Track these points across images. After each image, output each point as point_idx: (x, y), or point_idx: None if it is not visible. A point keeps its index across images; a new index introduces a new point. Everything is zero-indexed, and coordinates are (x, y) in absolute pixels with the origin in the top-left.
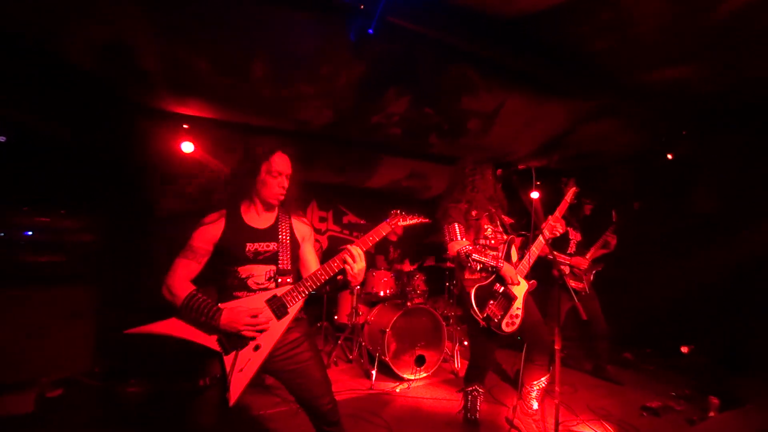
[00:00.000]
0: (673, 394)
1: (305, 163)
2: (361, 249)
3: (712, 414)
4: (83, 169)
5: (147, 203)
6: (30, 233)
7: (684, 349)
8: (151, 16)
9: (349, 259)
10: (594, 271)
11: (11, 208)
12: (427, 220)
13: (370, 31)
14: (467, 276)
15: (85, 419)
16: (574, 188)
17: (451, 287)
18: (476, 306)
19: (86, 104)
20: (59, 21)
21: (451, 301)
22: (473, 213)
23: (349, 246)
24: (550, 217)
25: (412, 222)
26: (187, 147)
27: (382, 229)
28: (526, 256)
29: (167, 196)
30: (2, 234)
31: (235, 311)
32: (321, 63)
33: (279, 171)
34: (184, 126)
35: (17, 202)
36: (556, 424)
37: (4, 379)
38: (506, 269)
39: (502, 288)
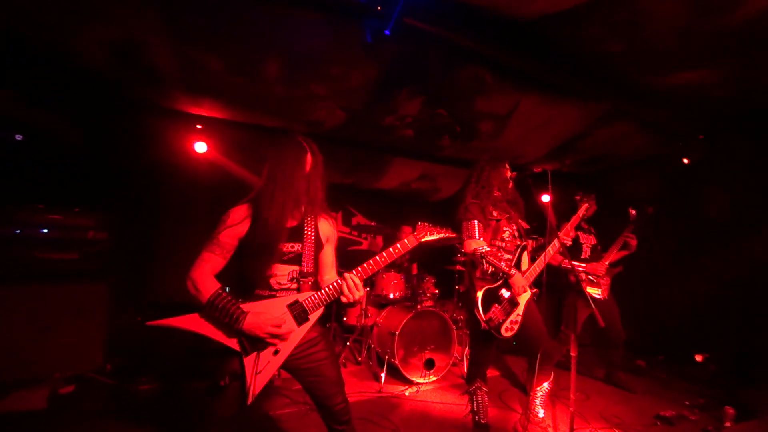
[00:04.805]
0: (688, 403)
1: None
2: (364, 276)
3: (727, 424)
4: (96, 168)
5: (159, 202)
6: (44, 230)
7: (698, 358)
8: (166, 17)
9: (346, 290)
10: (612, 275)
11: (26, 205)
12: (453, 234)
13: (387, 32)
14: (478, 275)
15: (96, 416)
16: (587, 205)
17: (461, 290)
18: (481, 308)
19: (98, 103)
20: (73, 22)
21: (461, 304)
22: (494, 213)
23: (350, 275)
24: (562, 228)
25: (439, 236)
26: (200, 147)
27: (409, 243)
28: (534, 264)
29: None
30: (18, 231)
31: (259, 317)
32: (335, 63)
33: (307, 170)
34: (198, 126)
35: (31, 199)
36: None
37: (17, 375)
38: (516, 279)
39: (509, 294)
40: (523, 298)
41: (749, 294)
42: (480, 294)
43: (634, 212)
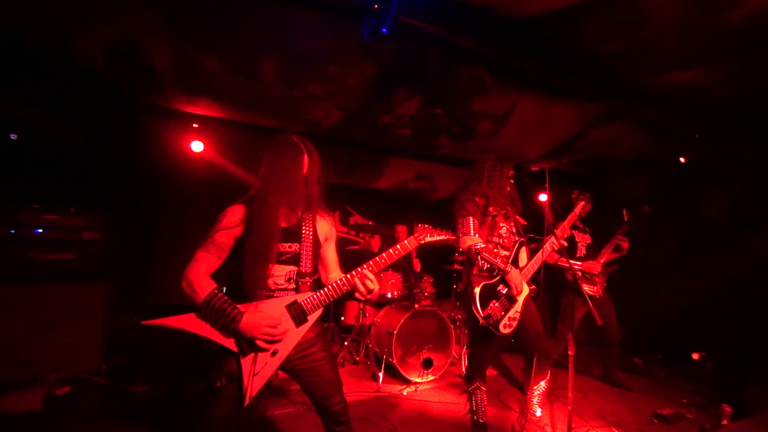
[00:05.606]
0: (685, 401)
1: None
2: (376, 270)
3: (724, 422)
4: (93, 167)
5: (159, 202)
6: (40, 231)
7: (695, 356)
8: (166, 17)
9: (360, 286)
10: (607, 274)
11: (22, 205)
12: (453, 237)
13: (384, 30)
14: (475, 272)
15: (92, 417)
16: (583, 203)
17: (458, 289)
18: (479, 304)
19: (96, 103)
20: (73, 22)
21: (458, 303)
22: (490, 209)
23: (364, 270)
24: (558, 227)
25: (438, 238)
26: (197, 146)
27: (409, 244)
28: (532, 261)
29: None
30: (13, 231)
31: (255, 318)
32: (334, 63)
33: (304, 172)
34: (194, 125)
35: (27, 199)
36: (569, 431)
37: (12, 376)
38: (513, 275)
39: (506, 290)
40: (522, 295)
41: (749, 294)
42: (477, 290)
43: (628, 217)
